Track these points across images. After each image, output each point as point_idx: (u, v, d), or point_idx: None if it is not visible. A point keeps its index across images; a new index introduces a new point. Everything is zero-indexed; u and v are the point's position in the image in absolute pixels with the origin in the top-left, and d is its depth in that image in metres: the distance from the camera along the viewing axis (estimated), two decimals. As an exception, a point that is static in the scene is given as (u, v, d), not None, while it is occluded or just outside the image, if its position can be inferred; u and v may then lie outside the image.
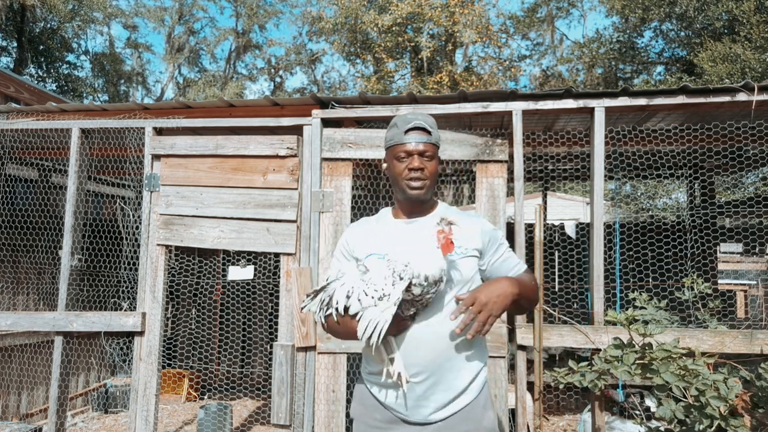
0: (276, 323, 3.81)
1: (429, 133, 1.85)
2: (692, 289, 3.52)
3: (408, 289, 1.60)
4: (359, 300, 1.65)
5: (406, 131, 1.84)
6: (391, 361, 1.74)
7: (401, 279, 1.60)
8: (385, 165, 1.96)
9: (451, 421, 1.76)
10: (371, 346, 1.68)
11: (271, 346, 4.98)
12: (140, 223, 3.92)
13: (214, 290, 6.70)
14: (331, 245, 3.59)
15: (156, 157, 3.91)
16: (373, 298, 1.62)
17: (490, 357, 3.43)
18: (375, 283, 1.64)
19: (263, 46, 25.79)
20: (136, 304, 3.85)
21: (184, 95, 24.08)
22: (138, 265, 3.89)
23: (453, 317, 1.69)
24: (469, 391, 1.79)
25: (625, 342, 2.68)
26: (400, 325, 1.70)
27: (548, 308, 3.61)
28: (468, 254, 1.84)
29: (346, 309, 1.70)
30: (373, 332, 1.60)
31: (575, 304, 6.25)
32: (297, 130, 3.77)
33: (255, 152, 3.75)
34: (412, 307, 1.67)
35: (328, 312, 1.77)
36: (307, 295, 1.85)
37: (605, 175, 3.48)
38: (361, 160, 3.69)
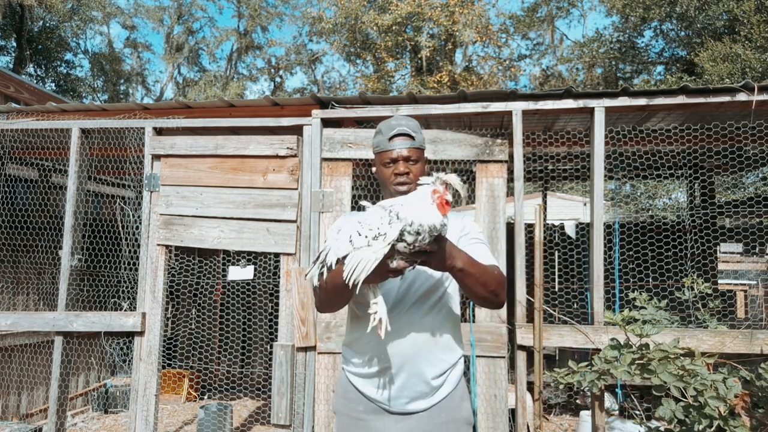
0: (276, 323, 3.81)
1: (412, 138, 1.91)
2: (692, 289, 3.52)
3: (401, 236, 1.51)
4: (351, 242, 1.58)
5: (390, 138, 1.90)
6: (374, 305, 1.67)
7: (398, 219, 1.52)
8: (374, 169, 2.03)
9: (432, 411, 1.83)
10: (356, 287, 1.58)
11: (271, 346, 4.98)
12: (140, 223, 3.92)
13: (214, 290, 6.70)
14: (331, 245, 3.59)
15: (156, 157, 3.91)
16: (366, 237, 1.54)
17: (491, 357, 3.44)
18: (369, 223, 1.56)
19: (264, 47, 25.81)
20: (136, 304, 3.85)
21: (184, 95, 24.07)
22: (138, 265, 3.89)
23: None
24: (448, 382, 1.87)
25: (623, 343, 2.68)
26: (384, 275, 1.61)
27: (548, 308, 3.61)
28: None
29: (338, 260, 1.64)
30: (362, 271, 1.53)
31: (575, 304, 6.24)
32: (297, 130, 3.77)
33: (255, 152, 3.75)
34: (402, 260, 1.56)
35: (321, 269, 1.74)
36: (312, 263, 1.84)
37: (605, 175, 3.48)
38: (360, 160, 3.70)
